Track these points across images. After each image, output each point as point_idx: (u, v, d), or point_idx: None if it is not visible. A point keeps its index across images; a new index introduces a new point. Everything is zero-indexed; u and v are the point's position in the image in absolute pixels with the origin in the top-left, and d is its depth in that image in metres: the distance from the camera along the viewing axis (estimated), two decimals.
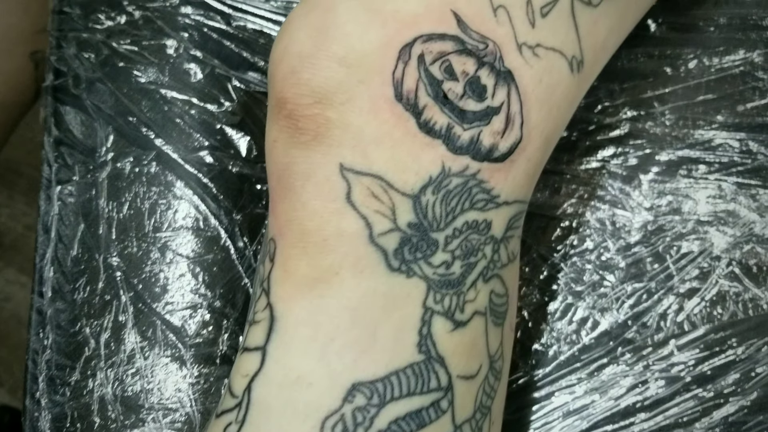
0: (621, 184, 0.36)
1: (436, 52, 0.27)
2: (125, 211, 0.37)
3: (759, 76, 0.36)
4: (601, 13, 0.30)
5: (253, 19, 0.42)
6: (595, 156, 0.36)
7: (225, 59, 0.41)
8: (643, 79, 0.37)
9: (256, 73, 0.41)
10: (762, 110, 0.35)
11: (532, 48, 0.29)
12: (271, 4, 0.42)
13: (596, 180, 0.36)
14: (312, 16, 0.27)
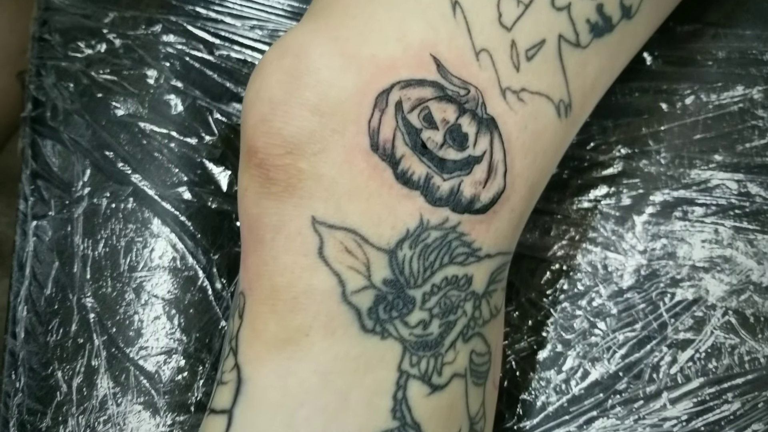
0: (614, 225, 0.34)
1: (415, 99, 0.26)
2: (101, 248, 0.36)
3: (759, 114, 0.34)
4: (590, 54, 0.29)
5: (237, 48, 0.41)
6: (587, 195, 0.35)
7: (207, 90, 0.39)
8: (637, 116, 0.36)
9: (239, 103, 0.39)
10: (761, 150, 0.34)
11: (517, 93, 0.27)
12: (255, 32, 0.41)
13: (588, 221, 0.35)
14: (285, 60, 0.26)
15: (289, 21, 0.41)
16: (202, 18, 0.41)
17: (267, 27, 0.41)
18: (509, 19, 0.27)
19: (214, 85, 0.40)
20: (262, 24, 0.41)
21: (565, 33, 0.28)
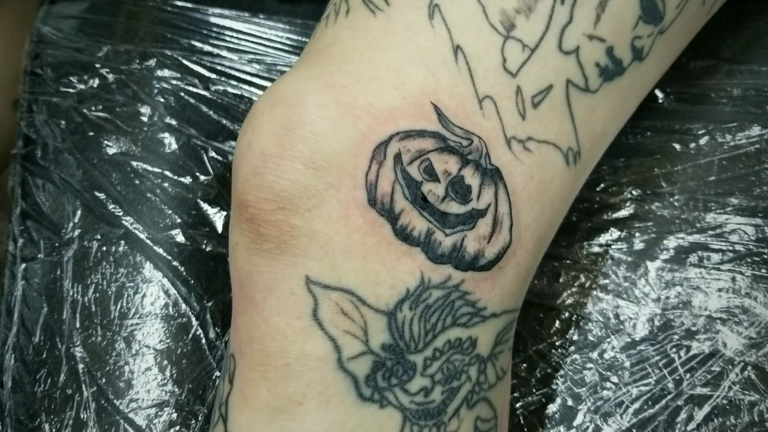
0: (626, 271, 0.33)
1: (415, 151, 0.25)
2: (90, 294, 0.35)
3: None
4: (600, 99, 0.28)
5: (233, 83, 0.40)
6: (597, 239, 0.34)
7: (202, 127, 0.38)
8: (649, 156, 0.34)
9: (235, 141, 0.38)
10: None
11: (523, 142, 0.26)
12: (253, 66, 0.40)
13: (599, 266, 0.33)
14: (277, 110, 0.25)
15: (287, 55, 0.40)
16: (197, 52, 0.40)
17: (264, 61, 0.40)
18: (514, 64, 0.26)
19: (210, 122, 0.38)
20: (260, 58, 0.40)
21: (574, 78, 0.27)
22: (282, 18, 0.41)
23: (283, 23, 0.41)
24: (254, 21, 0.41)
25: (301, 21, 0.41)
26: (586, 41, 0.26)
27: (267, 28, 0.41)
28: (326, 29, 0.28)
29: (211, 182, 0.37)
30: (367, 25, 0.26)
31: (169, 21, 0.41)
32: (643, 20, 0.27)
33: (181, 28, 0.41)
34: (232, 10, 0.41)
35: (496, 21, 0.26)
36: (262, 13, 0.42)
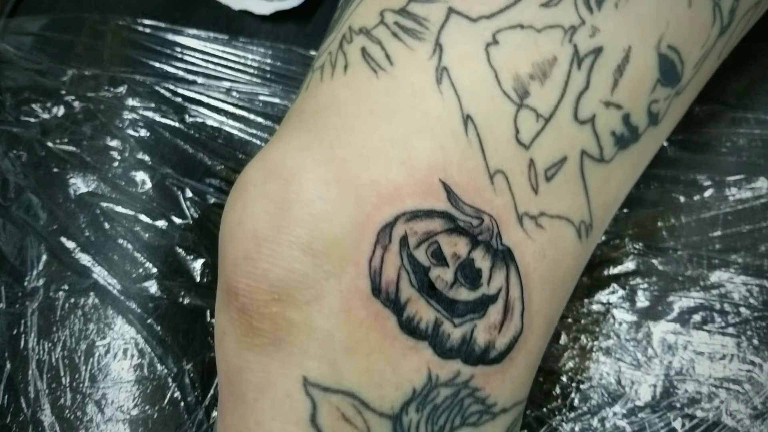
0: (628, 333, 0.31)
1: (422, 233, 0.23)
2: (58, 352, 0.32)
3: None
4: (614, 168, 0.26)
5: (211, 114, 0.37)
6: (598, 297, 0.32)
7: (178, 164, 0.35)
8: (652, 208, 0.33)
9: (213, 179, 0.36)
10: None
11: (535, 218, 0.24)
12: (232, 96, 0.37)
13: (600, 327, 0.32)
14: (271, 185, 0.23)
15: (268, 83, 0.37)
16: (171, 78, 0.37)
17: (245, 90, 0.37)
18: (527, 135, 0.24)
19: (186, 157, 0.36)
20: (240, 87, 0.37)
21: (589, 148, 0.25)
22: (264, 42, 0.38)
23: (265, 47, 0.38)
24: (233, 44, 0.38)
25: (284, 46, 0.38)
26: (602, 109, 0.25)
27: (247, 52, 0.38)
28: (321, 85, 0.25)
29: (188, 226, 0.34)
30: (369, 87, 0.24)
31: (139, 42, 0.38)
32: (660, 83, 0.26)
33: (154, 51, 0.38)
34: (209, 31, 0.38)
35: (509, 87, 0.24)
36: (241, 34, 0.39)
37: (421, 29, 0.24)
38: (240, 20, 0.40)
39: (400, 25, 0.25)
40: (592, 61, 0.24)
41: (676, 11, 0.25)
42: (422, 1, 0.25)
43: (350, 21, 0.26)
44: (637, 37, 0.25)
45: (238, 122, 0.37)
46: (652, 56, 0.25)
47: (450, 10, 0.24)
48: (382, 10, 0.25)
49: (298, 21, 0.40)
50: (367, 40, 0.25)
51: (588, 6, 0.24)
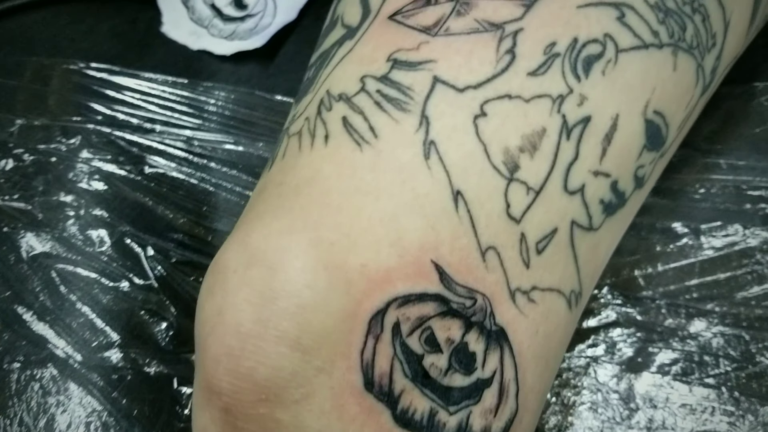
0: (609, 386, 0.31)
1: (415, 319, 0.22)
2: (15, 429, 0.30)
3: (758, 259, 0.32)
4: (602, 235, 0.25)
5: (171, 165, 0.35)
6: (579, 349, 0.32)
7: (137, 219, 0.34)
8: (629, 256, 0.33)
9: (176, 234, 0.34)
10: (761, 301, 0.32)
11: (527, 293, 0.23)
12: (193, 144, 0.36)
13: (582, 381, 0.31)
14: (254, 273, 0.21)
15: (233, 130, 0.36)
16: (128, 126, 0.35)
17: (204, 138, 0.35)
18: (518, 209, 0.23)
19: (146, 212, 0.34)
20: (200, 134, 0.36)
21: (578, 218, 0.24)
22: (225, 86, 0.37)
23: (227, 91, 0.37)
24: (193, 88, 0.36)
25: (247, 89, 0.37)
26: (591, 178, 0.24)
27: (208, 97, 0.36)
28: (301, 155, 0.24)
29: (150, 287, 0.32)
30: (354, 162, 0.23)
31: (92, 88, 0.36)
32: (647, 149, 0.25)
33: (108, 98, 0.36)
34: (166, 74, 0.37)
35: (499, 161, 0.23)
36: (200, 76, 0.37)
37: (405, 99, 0.23)
38: (199, 61, 0.38)
39: (383, 93, 0.24)
40: (581, 130, 0.24)
41: (662, 76, 0.25)
42: (405, 69, 0.24)
43: (328, 84, 0.25)
44: (625, 103, 0.24)
45: (201, 172, 0.35)
46: (639, 123, 0.25)
47: (435, 79, 0.23)
48: (362, 75, 0.24)
49: (261, 61, 0.38)
50: (348, 108, 0.24)
51: (575, 74, 0.24)
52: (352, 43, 0.26)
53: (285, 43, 0.39)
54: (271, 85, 0.37)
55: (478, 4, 0.24)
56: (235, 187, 0.35)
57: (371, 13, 0.26)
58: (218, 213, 0.34)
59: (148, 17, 0.38)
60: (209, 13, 0.39)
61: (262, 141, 0.36)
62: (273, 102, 0.36)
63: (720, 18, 0.26)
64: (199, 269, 0.33)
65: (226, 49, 0.38)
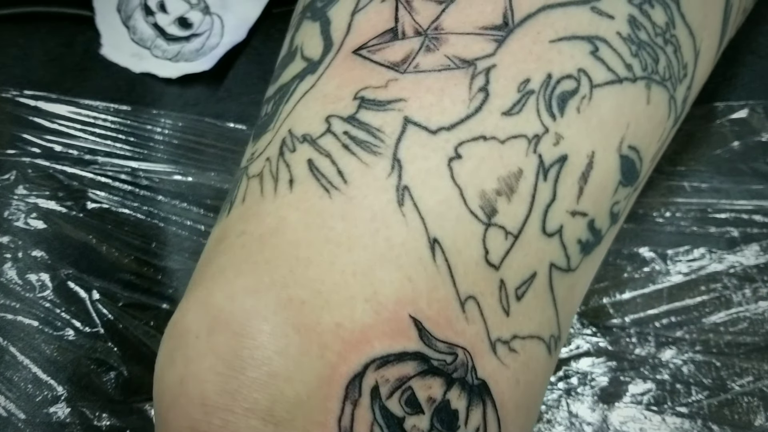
0: (584, 419, 0.30)
1: (395, 380, 0.20)
2: None
3: (725, 283, 0.32)
4: (579, 275, 0.24)
5: (115, 198, 0.33)
6: (551, 383, 0.31)
7: (80, 260, 0.31)
8: (597, 283, 0.32)
9: (123, 274, 0.32)
10: (729, 327, 0.31)
11: (508, 343, 0.22)
12: (138, 175, 0.33)
13: (555, 416, 0.31)
14: (219, 339, 0.19)
15: (180, 160, 0.34)
16: (67, 158, 0.33)
17: (150, 169, 0.33)
18: (497, 255, 0.22)
19: (89, 251, 0.32)
20: (145, 165, 0.33)
21: (557, 260, 0.23)
22: (170, 112, 0.35)
23: (173, 118, 0.34)
24: (136, 115, 0.34)
25: (194, 116, 0.35)
26: (569, 219, 0.23)
27: (153, 124, 0.34)
28: (263, 200, 0.22)
29: (97, 334, 0.30)
30: (322, 210, 0.21)
31: (26, 118, 0.33)
32: (622, 184, 0.25)
33: (44, 128, 0.33)
34: (107, 101, 0.34)
35: (476, 206, 0.22)
36: (143, 101, 0.35)
37: (375, 142, 0.22)
38: (142, 85, 0.36)
39: (351, 135, 0.22)
40: (558, 171, 0.23)
41: (636, 110, 0.24)
42: (374, 108, 0.22)
43: (290, 123, 0.23)
44: (600, 141, 0.24)
45: (147, 206, 0.33)
46: (615, 159, 0.24)
47: (406, 120, 0.22)
48: (328, 115, 0.23)
49: (208, 84, 0.36)
50: (314, 151, 0.22)
51: (550, 112, 0.23)
52: (314, 78, 0.24)
53: (234, 64, 0.37)
54: (221, 110, 0.35)
55: (448, 39, 0.23)
56: (185, 221, 0.33)
57: (334, 46, 0.24)
58: (167, 249, 0.32)
59: (85, 39, 0.35)
60: (151, 33, 0.37)
61: (212, 171, 0.34)
62: (223, 129, 0.35)
63: (691, 47, 0.26)
64: (149, 311, 0.31)
65: (172, 71, 0.36)
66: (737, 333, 0.32)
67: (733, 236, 0.33)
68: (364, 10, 0.24)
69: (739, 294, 0.32)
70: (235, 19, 0.38)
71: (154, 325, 0.30)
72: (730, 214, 0.33)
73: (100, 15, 0.36)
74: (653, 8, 0.25)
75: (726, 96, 0.36)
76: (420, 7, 0.23)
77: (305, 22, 0.26)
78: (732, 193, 0.33)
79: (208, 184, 0.33)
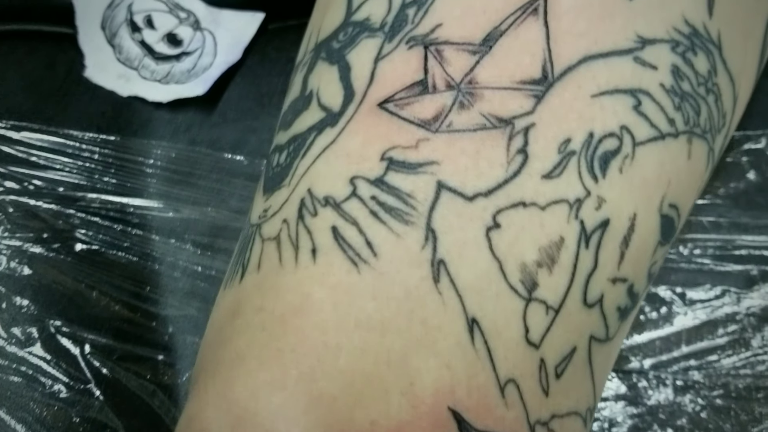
0: None
1: None
2: None
3: (744, 325, 0.31)
4: (616, 342, 0.23)
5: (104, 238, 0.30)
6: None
7: (68, 309, 0.29)
8: None
9: (117, 322, 0.29)
10: (749, 368, 0.31)
11: (546, 424, 0.21)
12: (128, 212, 0.31)
13: None
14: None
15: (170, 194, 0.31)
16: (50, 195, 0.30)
17: (141, 205, 0.31)
18: (537, 333, 0.20)
19: (78, 298, 0.29)
20: (135, 201, 0.31)
21: (596, 332, 0.22)
22: (161, 142, 0.32)
23: (164, 148, 0.32)
24: (125, 145, 0.32)
25: (187, 145, 0.32)
26: (609, 287, 0.22)
27: (144, 155, 0.32)
28: (283, 272, 0.20)
29: (90, 392, 0.28)
30: (350, 286, 0.20)
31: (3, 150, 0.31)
32: (660, 244, 0.23)
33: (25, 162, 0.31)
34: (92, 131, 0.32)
35: (516, 280, 0.20)
36: (131, 126, 0.33)
37: (406, 209, 0.20)
38: (129, 109, 0.33)
39: (379, 201, 0.20)
40: (600, 236, 0.21)
41: (677, 166, 0.23)
42: (404, 171, 0.20)
43: (309, 181, 0.21)
44: (642, 201, 0.22)
45: (139, 246, 0.30)
46: (656, 219, 0.23)
47: (440, 185, 0.20)
48: (353, 176, 0.21)
49: (201, 107, 0.34)
50: (338, 217, 0.20)
51: (592, 173, 0.21)
52: (334, 131, 0.22)
53: (228, 85, 0.34)
54: (215, 136, 0.33)
55: (483, 95, 0.21)
56: (179, 261, 0.31)
57: (356, 97, 0.22)
58: (161, 293, 0.30)
59: (67, 60, 0.33)
60: (139, 51, 0.34)
61: (208, 205, 0.32)
62: (219, 159, 0.32)
63: (730, 95, 0.25)
64: (144, 362, 0.29)
65: (162, 95, 0.34)
66: (756, 376, 0.31)
67: (752, 274, 0.32)
68: (388, 58, 0.22)
69: (758, 336, 0.31)
70: (228, 36, 0.35)
71: (151, 377, 0.28)
72: (749, 250, 0.32)
73: (82, 33, 0.33)
74: (696, 56, 0.23)
75: (742, 124, 0.34)
76: (452, 57, 0.21)
77: (320, 63, 0.24)
78: (750, 228, 0.32)
79: (203, 220, 0.31)
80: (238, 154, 0.32)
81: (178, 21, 0.35)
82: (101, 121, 0.32)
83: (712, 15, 0.23)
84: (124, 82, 0.33)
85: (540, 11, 0.21)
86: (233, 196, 0.32)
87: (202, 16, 0.35)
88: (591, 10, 0.22)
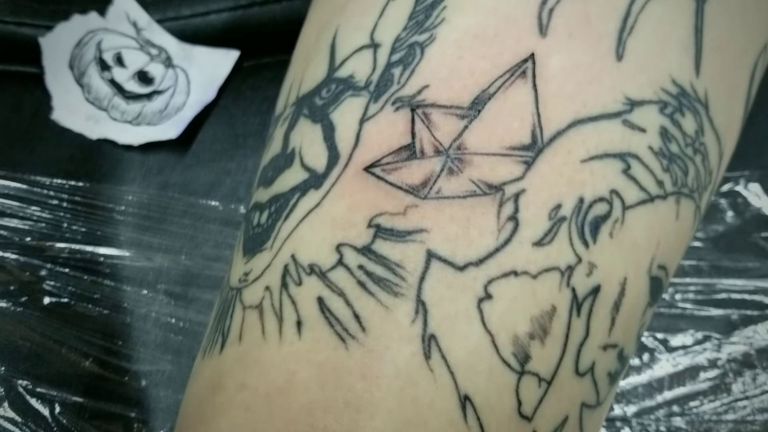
0: None
1: None
2: None
3: (726, 370, 0.31)
4: (606, 405, 0.23)
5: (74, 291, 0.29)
6: None
7: (37, 367, 0.28)
8: None
9: (87, 378, 0.28)
10: (731, 413, 0.31)
11: None
12: (99, 262, 0.30)
13: None
14: None
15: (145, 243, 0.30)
16: (16, 245, 0.29)
17: (115, 255, 0.30)
18: (530, 406, 0.20)
19: (47, 355, 0.28)
20: (108, 251, 0.30)
21: (588, 399, 0.21)
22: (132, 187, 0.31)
23: (135, 194, 0.31)
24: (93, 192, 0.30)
25: (159, 191, 0.31)
26: (600, 354, 0.21)
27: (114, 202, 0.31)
28: (266, 347, 0.20)
29: None
30: (338, 363, 0.19)
31: None
32: (649, 305, 0.23)
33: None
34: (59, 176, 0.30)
35: (509, 354, 0.20)
36: (100, 171, 0.31)
37: (396, 280, 0.19)
38: (98, 152, 0.32)
39: (367, 271, 0.20)
40: (591, 304, 0.21)
41: (666, 228, 0.23)
42: (392, 239, 0.20)
43: (292, 246, 0.21)
44: (632, 265, 0.22)
45: (111, 297, 0.29)
46: (645, 282, 0.22)
47: (429, 254, 0.20)
48: (338, 243, 0.20)
49: (174, 149, 0.33)
50: (324, 287, 0.20)
51: (583, 239, 0.21)
52: (319, 194, 0.21)
53: (202, 125, 0.33)
54: (188, 178, 0.32)
55: (472, 161, 0.20)
56: (151, 313, 0.29)
57: (341, 159, 0.21)
58: (133, 346, 0.29)
59: (34, 101, 0.31)
60: (108, 90, 0.33)
61: (181, 253, 0.31)
62: (192, 204, 0.31)
63: (717, 153, 0.24)
64: (117, 420, 0.28)
65: (133, 137, 0.33)
66: (738, 422, 0.31)
67: (733, 319, 0.32)
68: (374, 119, 0.21)
69: (739, 381, 0.31)
70: (202, 74, 0.34)
71: None
72: (729, 294, 0.32)
73: (49, 73, 0.32)
74: (684, 116, 0.23)
75: None
76: (439, 121, 0.21)
77: (303, 120, 0.23)
78: (730, 271, 0.33)
79: (176, 268, 0.30)
80: (212, 198, 0.31)
81: (149, 58, 0.34)
82: (69, 166, 0.31)
83: (699, 74, 0.23)
84: (93, 124, 0.32)
85: (528, 74, 0.21)
86: (207, 242, 0.31)
87: (174, 53, 0.34)
88: (579, 72, 0.21)
